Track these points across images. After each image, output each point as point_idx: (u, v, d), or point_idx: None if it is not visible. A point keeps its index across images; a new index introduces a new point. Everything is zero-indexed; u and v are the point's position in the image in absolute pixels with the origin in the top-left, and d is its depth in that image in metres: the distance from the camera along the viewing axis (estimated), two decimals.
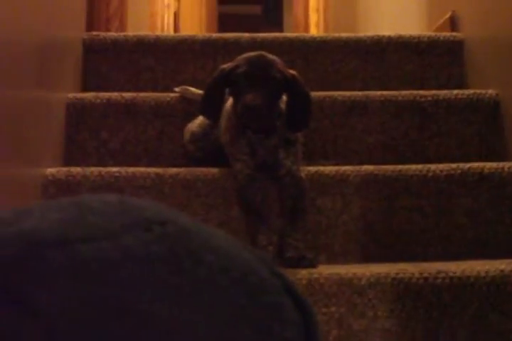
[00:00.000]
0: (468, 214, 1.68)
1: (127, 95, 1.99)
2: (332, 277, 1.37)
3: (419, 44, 2.26)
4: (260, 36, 2.27)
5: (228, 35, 2.28)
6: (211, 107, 1.62)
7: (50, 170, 1.69)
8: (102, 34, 2.28)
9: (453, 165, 1.73)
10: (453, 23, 2.40)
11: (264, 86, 1.49)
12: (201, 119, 1.80)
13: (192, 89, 1.98)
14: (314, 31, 5.03)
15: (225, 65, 1.58)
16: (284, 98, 1.58)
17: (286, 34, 2.36)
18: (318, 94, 1.97)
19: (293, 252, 1.46)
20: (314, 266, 1.45)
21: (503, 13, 1.99)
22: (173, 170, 1.71)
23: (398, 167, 1.73)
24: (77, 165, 1.83)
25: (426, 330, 1.36)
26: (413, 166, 1.73)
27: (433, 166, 1.73)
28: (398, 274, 1.38)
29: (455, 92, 2.02)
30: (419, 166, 1.73)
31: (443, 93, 2.02)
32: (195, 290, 0.32)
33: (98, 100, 1.96)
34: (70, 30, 2.14)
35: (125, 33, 2.42)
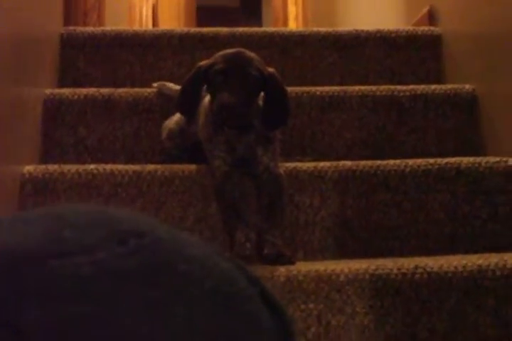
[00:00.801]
0: (445, 209, 1.69)
1: (105, 91, 1.98)
2: (310, 274, 1.38)
3: (397, 39, 2.27)
4: (239, 31, 2.27)
5: (206, 29, 2.28)
6: (187, 104, 1.62)
7: (28, 168, 1.68)
8: (80, 29, 2.27)
9: (430, 160, 1.74)
10: (431, 18, 2.41)
11: (241, 84, 1.49)
12: (178, 116, 1.80)
13: (170, 84, 1.97)
14: (293, 25, 5.03)
15: (203, 62, 1.58)
16: (263, 94, 1.58)
17: (264, 28, 2.36)
18: (296, 90, 1.97)
19: (271, 249, 1.46)
20: (292, 263, 1.45)
21: (481, 8, 2.00)
22: (151, 167, 1.70)
23: (376, 162, 1.73)
24: (54, 162, 1.82)
25: (405, 326, 1.37)
26: (391, 161, 1.74)
27: (411, 161, 1.73)
28: (376, 270, 1.39)
29: (433, 87, 2.03)
30: (396, 161, 1.73)
31: (421, 88, 2.03)
32: (170, 302, 0.32)
33: (75, 96, 1.95)
34: (47, 24, 2.13)
35: (103, 28, 2.41)
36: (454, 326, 1.38)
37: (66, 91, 1.98)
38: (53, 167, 1.70)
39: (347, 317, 1.36)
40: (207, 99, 1.62)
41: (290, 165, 1.70)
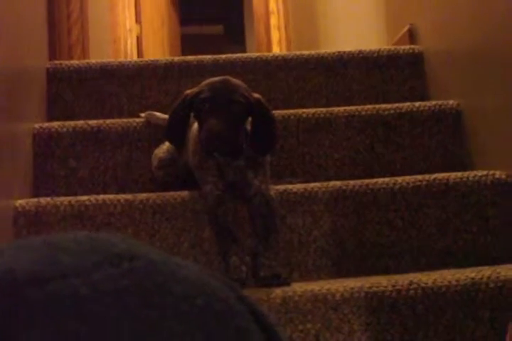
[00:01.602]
0: (436, 224, 1.70)
1: (93, 122, 1.99)
2: (306, 294, 1.39)
3: (379, 58, 2.29)
4: (222, 57, 2.29)
5: (190, 57, 2.30)
6: (175, 133, 1.64)
7: (20, 202, 1.69)
8: (65, 62, 2.29)
9: (419, 176, 1.76)
10: (411, 36, 2.44)
11: (227, 111, 1.50)
12: (168, 145, 1.81)
13: (157, 114, 1.99)
14: (277, 49, 5.07)
15: (189, 91, 1.60)
16: (250, 119, 1.60)
17: (248, 54, 2.38)
18: (283, 113, 1.99)
19: (266, 271, 1.47)
20: (288, 284, 1.46)
21: (458, 25, 2.03)
22: (142, 196, 1.71)
23: (365, 181, 1.74)
24: (46, 195, 1.83)
25: None
26: (380, 180, 1.75)
27: (399, 179, 1.75)
28: (371, 288, 1.40)
29: (417, 104, 2.05)
30: (385, 179, 1.75)
31: (405, 105, 2.05)
32: (163, 320, 0.33)
33: (64, 129, 1.97)
34: (33, 59, 2.14)
35: (88, 60, 2.43)
36: (451, 340, 1.39)
37: (55, 124, 2.00)
38: (46, 200, 1.70)
39: (345, 335, 1.37)
40: (195, 127, 1.64)
41: (280, 187, 1.71)
